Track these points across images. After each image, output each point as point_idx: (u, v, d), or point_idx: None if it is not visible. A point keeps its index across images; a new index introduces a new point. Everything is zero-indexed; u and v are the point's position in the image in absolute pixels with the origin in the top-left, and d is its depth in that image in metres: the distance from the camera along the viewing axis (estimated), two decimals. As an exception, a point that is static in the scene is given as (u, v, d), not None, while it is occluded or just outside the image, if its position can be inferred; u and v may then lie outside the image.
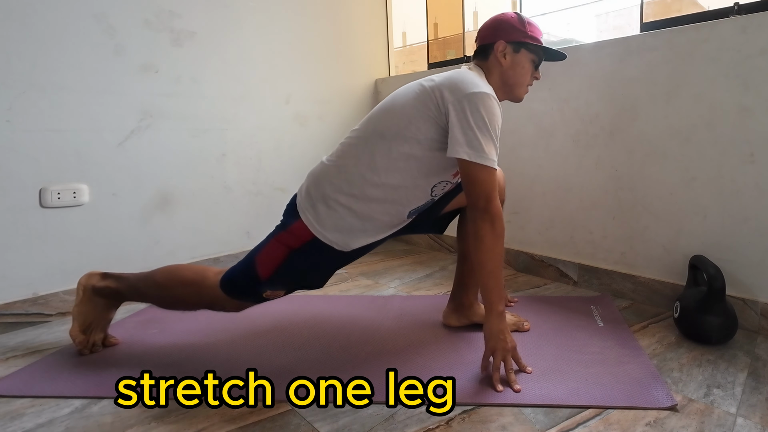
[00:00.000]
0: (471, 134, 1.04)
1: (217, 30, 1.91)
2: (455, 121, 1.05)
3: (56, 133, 1.54)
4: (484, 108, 1.05)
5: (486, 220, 1.07)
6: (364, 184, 1.11)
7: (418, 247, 2.43)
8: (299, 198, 1.17)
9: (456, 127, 1.05)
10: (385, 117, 1.14)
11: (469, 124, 1.04)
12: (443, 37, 2.42)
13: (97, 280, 1.29)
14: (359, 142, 1.15)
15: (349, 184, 1.12)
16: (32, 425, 0.98)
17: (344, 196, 1.11)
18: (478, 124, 1.04)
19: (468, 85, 1.07)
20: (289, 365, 1.20)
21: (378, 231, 1.17)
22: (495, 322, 1.10)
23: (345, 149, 1.16)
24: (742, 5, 1.38)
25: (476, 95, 1.06)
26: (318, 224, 1.12)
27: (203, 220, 1.88)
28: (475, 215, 1.08)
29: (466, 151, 1.04)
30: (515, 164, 1.94)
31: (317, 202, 1.13)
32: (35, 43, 1.49)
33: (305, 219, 1.12)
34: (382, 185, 1.11)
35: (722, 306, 1.26)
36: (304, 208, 1.14)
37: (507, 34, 1.20)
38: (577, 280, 1.78)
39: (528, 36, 1.20)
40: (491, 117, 1.06)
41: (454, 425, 0.96)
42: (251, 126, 2.05)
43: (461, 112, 1.05)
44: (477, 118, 1.04)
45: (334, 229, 1.12)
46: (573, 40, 1.98)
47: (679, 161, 1.49)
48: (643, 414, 0.98)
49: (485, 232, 1.07)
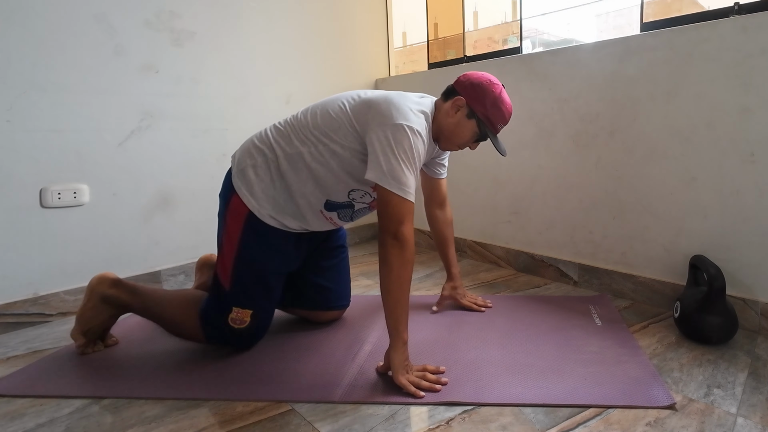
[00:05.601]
0: (392, 163, 1.06)
1: (217, 30, 1.91)
2: (377, 147, 1.07)
3: (56, 133, 1.55)
4: (406, 140, 1.07)
5: (395, 246, 1.07)
6: (293, 159, 1.19)
7: (418, 247, 2.43)
8: (233, 173, 1.25)
9: (378, 153, 1.07)
10: (321, 116, 1.19)
11: (392, 153, 1.06)
12: (443, 37, 2.42)
13: (107, 287, 1.26)
14: (293, 129, 1.22)
15: (282, 157, 1.20)
16: (33, 425, 0.98)
17: (273, 166, 1.21)
18: (400, 155, 1.06)
19: (397, 115, 1.09)
20: (289, 365, 1.20)
21: (297, 215, 1.23)
22: (400, 353, 1.08)
23: (280, 132, 1.23)
24: (742, 5, 1.38)
25: (402, 127, 1.08)
26: (251, 195, 1.20)
27: (203, 220, 1.88)
28: (386, 239, 1.08)
29: (383, 178, 1.06)
30: (515, 164, 1.94)
31: (246, 169, 1.22)
32: (35, 43, 1.49)
33: (239, 192, 1.21)
34: (307, 168, 1.19)
35: (722, 306, 1.26)
36: (237, 180, 1.23)
37: (472, 98, 1.20)
38: (578, 280, 1.78)
39: (486, 115, 1.21)
40: (408, 149, 1.07)
41: (454, 425, 0.96)
42: (251, 126, 2.03)
43: (384, 140, 1.07)
44: (399, 148, 1.06)
45: (264, 198, 1.20)
46: (573, 40, 1.98)
47: (679, 161, 1.49)
48: (643, 414, 0.98)
49: (394, 258, 1.07)
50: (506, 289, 1.76)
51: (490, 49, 2.21)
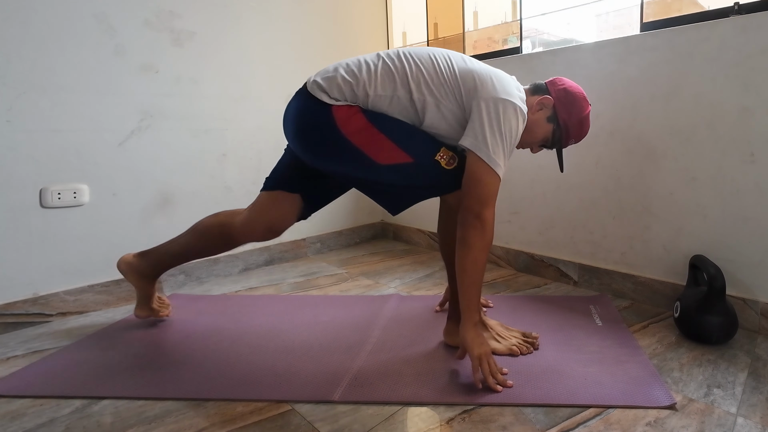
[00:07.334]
0: (496, 136, 1.04)
1: (217, 30, 1.91)
2: (484, 117, 1.05)
3: (56, 133, 1.54)
4: (514, 119, 1.06)
5: (477, 227, 1.05)
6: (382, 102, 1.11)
7: (418, 247, 2.43)
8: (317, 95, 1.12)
9: (484, 122, 1.05)
10: (426, 68, 1.12)
11: (498, 127, 1.05)
12: (443, 37, 2.42)
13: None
14: (396, 77, 1.12)
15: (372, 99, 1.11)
16: (32, 425, 0.98)
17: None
18: (504, 131, 1.05)
19: (508, 93, 1.08)
20: (289, 365, 1.20)
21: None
22: (473, 332, 1.09)
23: (382, 71, 1.13)
24: (742, 5, 1.38)
25: (512, 105, 1.07)
26: (353, 93, 1.10)
27: (203, 220, 1.88)
28: (467, 219, 1.06)
29: (481, 148, 1.04)
30: (515, 164, 1.94)
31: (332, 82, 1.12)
32: (35, 43, 1.49)
33: (339, 100, 1.10)
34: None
35: (722, 306, 1.26)
36: (333, 91, 1.12)
37: (561, 103, 1.19)
38: (578, 280, 1.78)
39: (566, 125, 1.19)
40: (514, 130, 1.07)
41: (454, 425, 0.96)
42: (251, 126, 2.05)
43: (493, 113, 1.05)
44: (506, 125, 1.05)
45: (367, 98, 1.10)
46: (573, 40, 1.98)
47: (679, 161, 1.49)
48: (643, 414, 0.98)
49: (475, 240, 1.05)
50: (506, 289, 1.76)
51: (490, 49, 2.21)
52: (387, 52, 1.16)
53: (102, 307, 1.65)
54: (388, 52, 1.16)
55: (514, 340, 1.26)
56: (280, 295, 1.74)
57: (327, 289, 1.80)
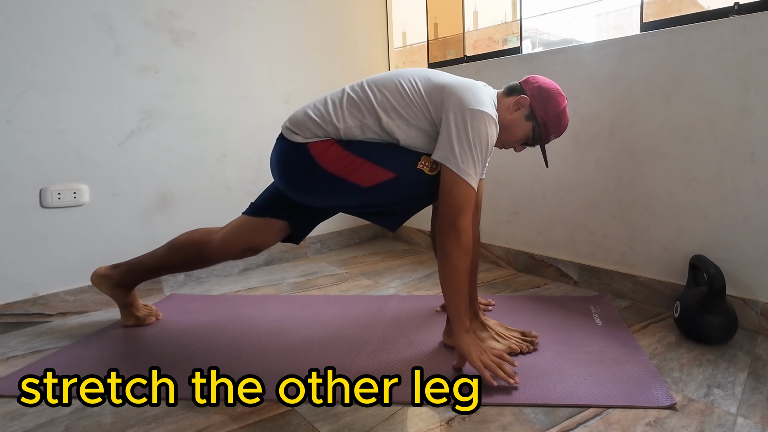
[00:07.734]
0: (464, 147, 1.05)
1: (217, 30, 1.91)
2: (452, 129, 1.07)
3: (56, 133, 1.54)
4: (483, 127, 1.07)
5: (452, 237, 1.07)
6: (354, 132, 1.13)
7: (418, 247, 2.43)
8: (291, 137, 1.15)
9: (452, 134, 1.06)
10: (390, 92, 1.14)
11: (467, 137, 1.06)
12: (443, 37, 2.42)
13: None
14: (358, 105, 1.14)
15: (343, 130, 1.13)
16: (33, 425, 0.98)
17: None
18: (474, 141, 1.06)
19: (476, 101, 1.08)
20: (289, 365, 1.20)
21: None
22: (466, 338, 1.10)
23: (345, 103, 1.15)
24: (742, 5, 1.38)
25: (479, 113, 1.07)
26: (325, 127, 1.12)
27: (203, 221, 1.88)
28: (443, 229, 1.08)
29: (451, 159, 1.06)
30: (515, 164, 1.94)
31: (307, 128, 1.14)
32: (35, 43, 1.49)
33: (314, 138, 1.12)
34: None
35: (722, 306, 1.26)
36: (305, 131, 1.14)
37: (537, 101, 1.19)
38: (578, 280, 1.78)
39: (545, 121, 1.20)
40: (484, 138, 1.07)
41: (454, 425, 0.96)
42: (251, 126, 2.05)
43: (461, 123, 1.06)
44: (475, 134, 1.06)
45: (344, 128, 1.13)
46: (573, 40, 1.98)
47: (679, 161, 1.49)
48: (643, 414, 0.98)
49: (452, 248, 1.07)
50: (506, 289, 1.77)
51: (490, 49, 2.21)
52: (351, 85, 1.19)
53: (102, 307, 1.65)
54: (352, 85, 1.19)
55: (514, 339, 1.26)
56: (280, 295, 1.74)
57: (327, 289, 1.80)
